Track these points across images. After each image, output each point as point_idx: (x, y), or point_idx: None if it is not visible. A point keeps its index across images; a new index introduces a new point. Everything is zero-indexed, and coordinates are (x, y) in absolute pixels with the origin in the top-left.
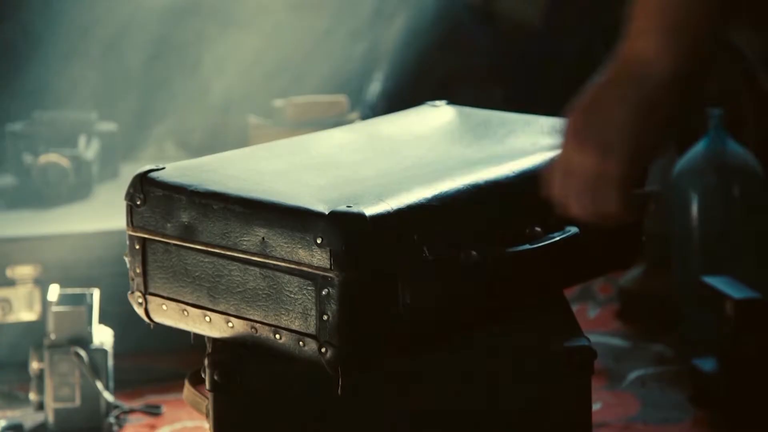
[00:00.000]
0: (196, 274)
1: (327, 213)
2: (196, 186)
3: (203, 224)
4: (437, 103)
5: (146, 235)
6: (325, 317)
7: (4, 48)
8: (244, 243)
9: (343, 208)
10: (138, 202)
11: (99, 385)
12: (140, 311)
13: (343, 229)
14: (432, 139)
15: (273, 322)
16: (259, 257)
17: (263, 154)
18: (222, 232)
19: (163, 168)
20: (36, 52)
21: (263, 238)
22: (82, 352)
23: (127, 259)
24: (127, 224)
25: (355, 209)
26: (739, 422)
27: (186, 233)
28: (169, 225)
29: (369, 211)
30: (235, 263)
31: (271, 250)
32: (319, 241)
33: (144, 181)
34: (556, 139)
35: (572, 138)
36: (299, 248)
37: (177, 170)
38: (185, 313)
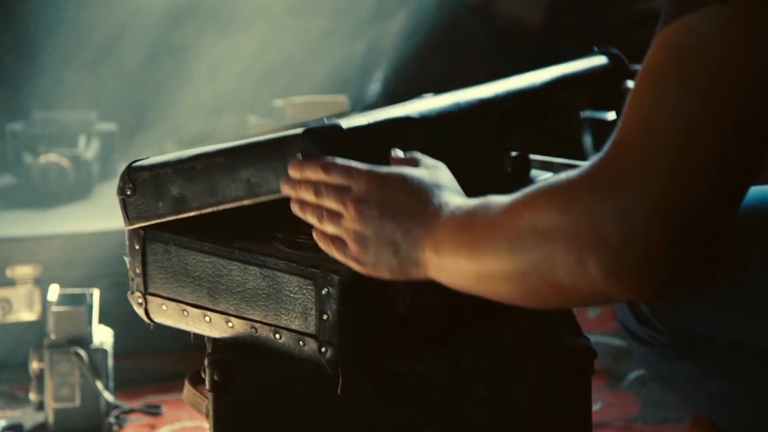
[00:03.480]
0: (196, 274)
1: (303, 131)
2: (178, 157)
3: (191, 189)
4: None
5: (143, 223)
6: (325, 317)
7: (4, 48)
8: (232, 192)
9: (318, 123)
10: (129, 192)
11: (99, 385)
12: (140, 311)
13: (320, 141)
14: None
15: (273, 322)
16: (249, 199)
17: None
18: (209, 191)
19: (147, 158)
20: (36, 53)
21: (248, 180)
22: (82, 352)
23: (127, 259)
24: (124, 219)
25: (330, 122)
26: None
27: (178, 205)
28: (161, 204)
29: (346, 123)
30: (235, 263)
31: (259, 190)
32: None
33: (131, 171)
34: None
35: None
36: (284, 177)
37: (160, 156)
38: (185, 313)
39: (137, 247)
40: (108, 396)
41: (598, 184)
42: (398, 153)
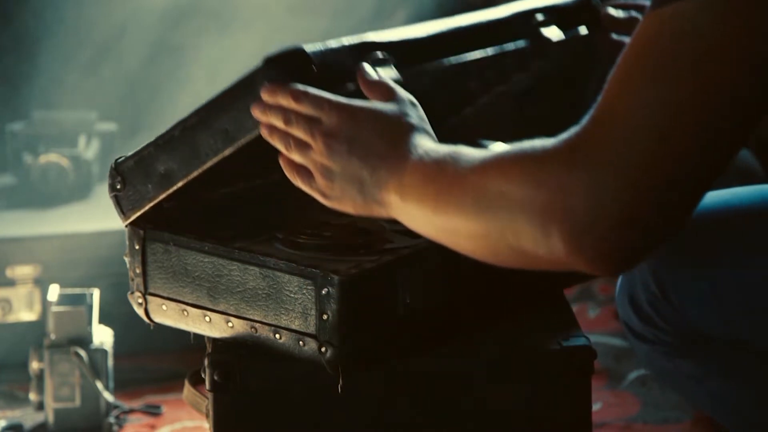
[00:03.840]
0: (196, 274)
1: (263, 60)
2: (156, 136)
3: (175, 159)
4: None
5: (138, 212)
6: (324, 317)
7: (3, 48)
8: (212, 146)
9: (279, 49)
10: (119, 186)
11: (99, 385)
12: (140, 311)
13: (283, 66)
14: None
15: (273, 322)
16: (229, 147)
17: None
18: (191, 155)
19: (130, 153)
20: (36, 52)
21: (225, 129)
22: (82, 352)
23: (127, 259)
24: (120, 217)
25: (292, 46)
26: None
27: (166, 181)
28: (150, 186)
29: (310, 48)
30: (235, 263)
31: (237, 135)
32: None
33: (117, 167)
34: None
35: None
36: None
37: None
38: (185, 313)
39: (137, 247)
40: (108, 396)
41: (573, 160)
42: (369, 70)
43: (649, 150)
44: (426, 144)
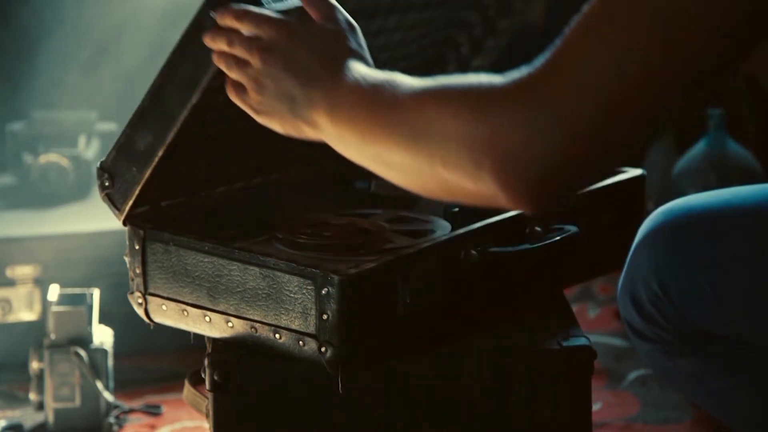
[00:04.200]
0: (196, 274)
1: None
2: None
3: (150, 130)
4: None
5: (130, 201)
6: (324, 317)
7: (4, 48)
8: (181, 99)
9: None
10: (108, 183)
11: (99, 385)
12: (140, 311)
13: None
14: None
15: (273, 322)
16: (195, 93)
17: None
18: (164, 118)
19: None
20: (36, 53)
21: (189, 77)
22: (82, 352)
23: (127, 259)
24: (116, 215)
25: None
26: None
27: (148, 156)
28: (135, 169)
29: None
30: (235, 263)
31: (201, 78)
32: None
33: (102, 166)
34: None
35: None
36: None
37: None
38: (185, 313)
39: (137, 247)
40: (108, 396)
41: (519, 98)
42: None
43: (595, 101)
44: (362, 69)
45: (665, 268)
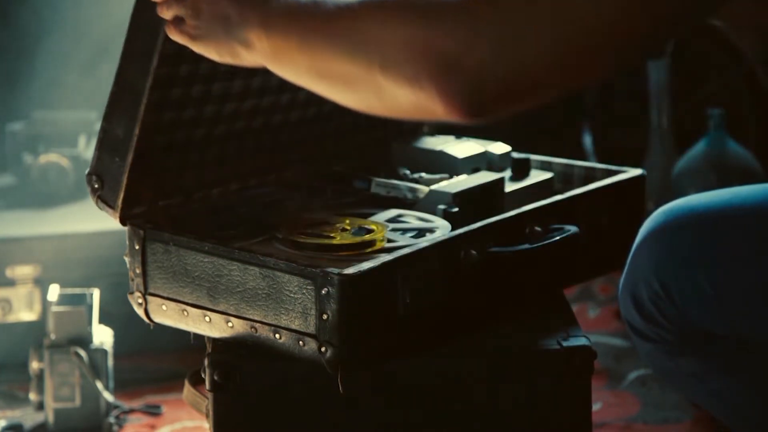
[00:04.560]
0: (196, 274)
1: None
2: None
3: (124, 113)
4: None
5: (122, 195)
6: (324, 317)
7: (3, 48)
8: (143, 71)
9: None
10: (97, 186)
11: (99, 385)
12: (140, 311)
13: None
14: None
15: (273, 322)
16: (154, 58)
17: None
18: (132, 95)
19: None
20: (35, 53)
21: (146, 46)
22: (82, 352)
23: (127, 259)
24: (112, 214)
25: None
26: None
27: (128, 140)
28: (118, 159)
29: None
30: (235, 263)
31: (154, 39)
32: None
33: (89, 172)
34: None
35: None
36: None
37: None
38: (185, 313)
39: (137, 247)
40: (108, 396)
41: (468, 5)
42: None
43: (549, 21)
44: None
45: (666, 268)
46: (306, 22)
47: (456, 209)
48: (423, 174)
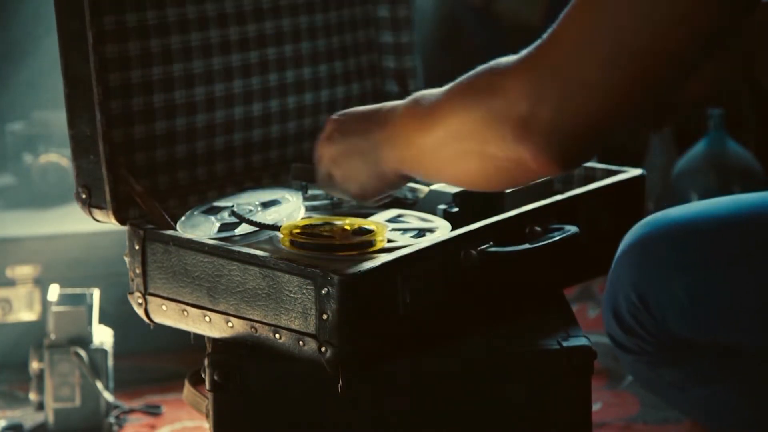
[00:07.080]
0: (196, 274)
1: None
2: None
3: (83, 106)
4: None
5: (108, 192)
6: (324, 317)
7: (3, 48)
8: (81, 51)
9: None
10: (84, 196)
11: (99, 385)
12: (140, 311)
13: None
14: None
15: (273, 322)
16: (90, 26)
17: None
18: (81, 83)
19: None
20: (35, 53)
21: (76, 26)
22: (82, 352)
23: (127, 259)
24: (108, 217)
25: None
26: None
27: (93, 133)
28: (92, 157)
29: None
30: (235, 263)
31: (80, 13)
32: None
33: (75, 190)
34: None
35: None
36: None
37: None
38: (185, 313)
39: (137, 247)
40: (108, 396)
41: (525, 67)
42: None
43: (595, 62)
44: (393, 102)
45: (643, 280)
46: (421, 115)
47: (456, 209)
48: None
